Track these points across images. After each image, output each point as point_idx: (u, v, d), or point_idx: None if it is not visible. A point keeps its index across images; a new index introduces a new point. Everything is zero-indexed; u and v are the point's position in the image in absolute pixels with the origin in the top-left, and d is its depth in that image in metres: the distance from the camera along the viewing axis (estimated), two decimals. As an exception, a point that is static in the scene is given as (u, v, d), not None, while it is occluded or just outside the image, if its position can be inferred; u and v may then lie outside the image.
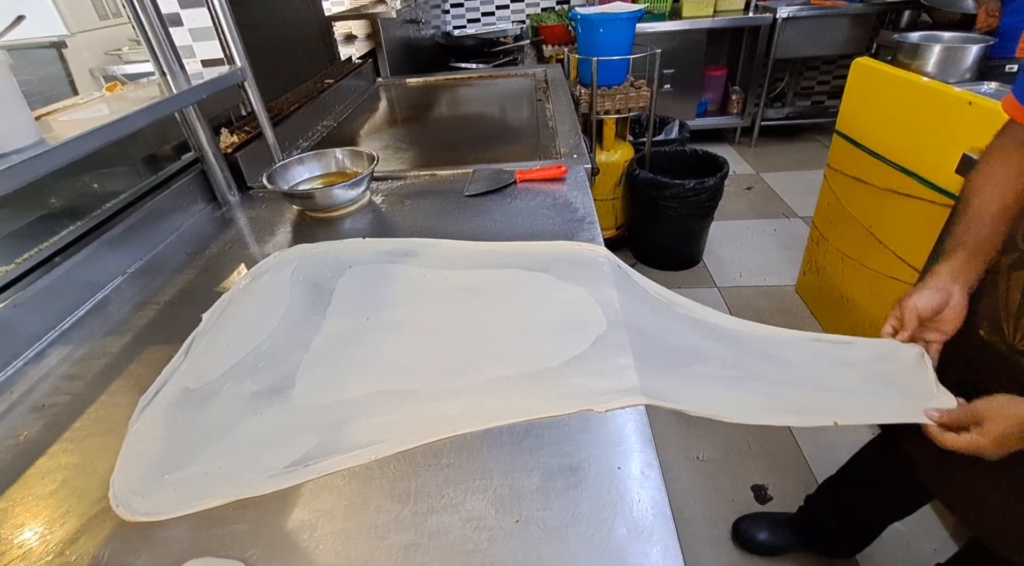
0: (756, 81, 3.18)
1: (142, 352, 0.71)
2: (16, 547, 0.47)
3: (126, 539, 0.47)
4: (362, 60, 1.98)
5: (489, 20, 3.48)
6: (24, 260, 0.77)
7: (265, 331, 0.71)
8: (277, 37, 1.45)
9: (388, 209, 1.03)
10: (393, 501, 0.47)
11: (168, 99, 0.85)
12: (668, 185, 2.06)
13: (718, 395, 0.60)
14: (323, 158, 1.12)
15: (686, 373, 0.63)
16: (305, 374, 0.63)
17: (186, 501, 0.49)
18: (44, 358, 0.71)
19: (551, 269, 0.78)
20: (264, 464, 0.52)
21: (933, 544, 1.29)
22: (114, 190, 0.95)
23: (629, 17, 1.94)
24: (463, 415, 0.55)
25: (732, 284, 2.24)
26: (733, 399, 0.59)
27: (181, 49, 1.01)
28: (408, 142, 1.45)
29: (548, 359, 0.61)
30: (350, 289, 0.78)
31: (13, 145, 0.61)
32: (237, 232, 1.00)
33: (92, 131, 0.68)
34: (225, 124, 1.21)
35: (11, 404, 0.64)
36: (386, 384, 0.60)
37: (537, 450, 0.51)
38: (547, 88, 1.76)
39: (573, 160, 1.12)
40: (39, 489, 0.52)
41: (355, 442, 0.53)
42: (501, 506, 0.46)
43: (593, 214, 0.91)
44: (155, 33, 0.95)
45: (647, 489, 0.46)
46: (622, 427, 0.52)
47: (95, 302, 0.82)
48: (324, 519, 0.47)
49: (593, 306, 0.69)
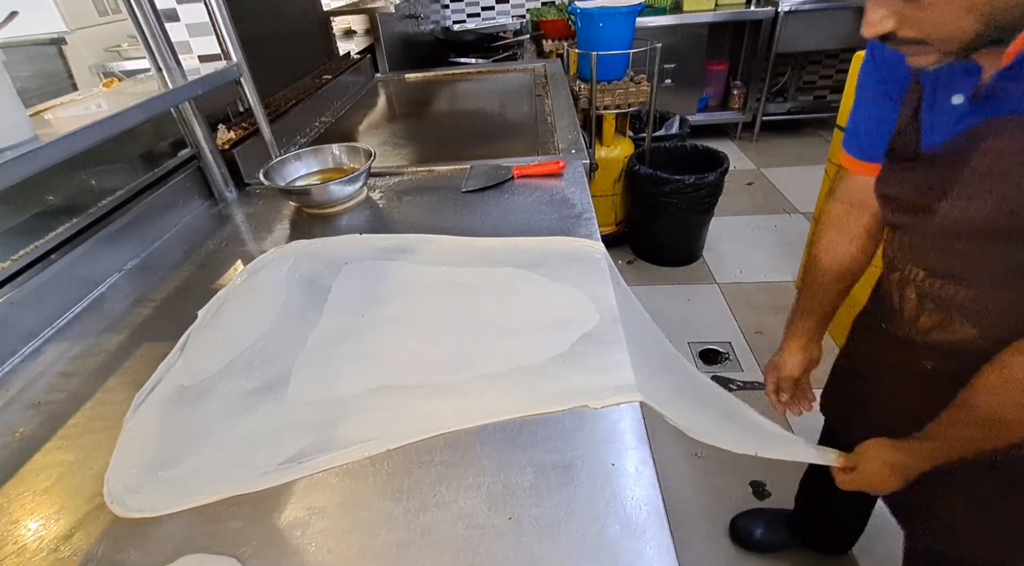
0: (758, 76, 3.16)
1: (138, 349, 0.71)
2: (11, 543, 0.47)
3: (120, 535, 0.47)
4: (360, 55, 1.97)
5: (489, 15, 3.46)
6: (20, 257, 0.77)
7: (261, 328, 0.71)
8: (274, 32, 1.45)
9: (385, 205, 1.02)
10: (385, 499, 0.47)
11: (164, 95, 0.84)
12: (668, 181, 2.05)
13: (701, 412, 0.64)
14: (320, 154, 1.11)
15: (683, 375, 0.63)
16: (300, 371, 0.63)
17: (180, 498, 0.49)
18: (40, 355, 0.71)
19: (547, 265, 0.77)
20: (258, 461, 0.52)
21: (932, 540, 1.29)
22: (111, 187, 0.95)
23: (629, 11, 1.93)
24: (457, 412, 0.55)
25: (732, 280, 2.24)
26: (708, 420, 0.65)
27: (177, 45, 1.01)
28: (406, 138, 1.44)
29: (543, 355, 0.61)
30: (346, 286, 0.78)
31: (6, 141, 0.60)
32: (234, 229, 1.00)
33: (87, 127, 0.68)
34: (222, 120, 1.21)
35: (7, 401, 0.64)
36: (381, 381, 0.60)
37: (530, 447, 0.51)
38: (546, 83, 1.75)
39: (571, 156, 1.12)
40: (34, 486, 0.52)
41: (348, 439, 0.53)
42: (494, 503, 0.46)
43: (591, 210, 0.90)
44: (151, 28, 0.94)
45: (641, 486, 0.46)
46: (616, 423, 0.52)
47: (91, 299, 0.82)
48: (317, 516, 0.47)
49: (589, 303, 0.69)
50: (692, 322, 2.02)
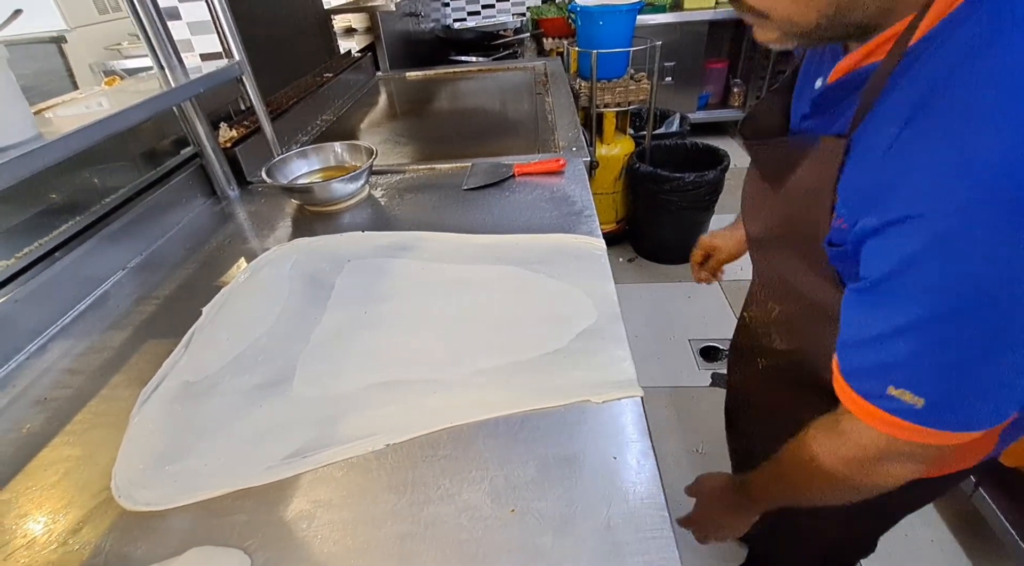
0: (758, 73, 3.16)
1: (142, 346, 0.72)
2: (20, 537, 0.48)
3: (128, 529, 0.47)
4: (361, 54, 1.97)
5: (489, 13, 3.46)
6: (24, 255, 0.77)
7: (264, 325, 0.71)
8: (276, 31, 1.45)
9: (387, 203, 1.03)
10: (390, 492, 0.48)
11: (166, 93, 0.85)
12: (668, 179, 2.05)
13: None
14: (322, 152, 1.12)
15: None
16: (304, 367, 0.63)
17: (186, 492, 0.50)
18: (45, 352, 0.72)
19: (548, 262, 0.78)
20: (263, 455, 0.53)
21: (930, 535, 1.29)
22: (113, 185, 0.95)
23: (629, 9, 1.93)
24: (460, 406, 0.56)
25: (733, 278, 2.23)
26: None
27: (179, 43, 1.01)
28: (407, 136, 1.45)
29: (545, 351, 0.62)
30: (349, 283, 0.78)
31: (10, 139, 0.61)
32: (236, 226, 1.01)
33: (90, 125, 0.68)
34: (224, 119, 1.22)
35: (13, 397, 0.65)
36: (384, 376, 0.61)
37: (533, 441, 0.51)
38: (547, 81, 1.75)
39: (572, 153, 1.12)
40: (42, 480, 0.53)
41: (353, 434, 0.54)
42: (497, 496, 0.46)
43: (591, 207, 0.91)
44: (153, 27, 0.95)
45: (643, 480, 0.47)
46: (618, 418, 0.53)
47: (96, 297, 0.83)
48: (322, 509, 0.47)
49: (588, 299, 0.69)
50: (693, 319, 2.02)
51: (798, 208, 0.49)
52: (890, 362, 0.40)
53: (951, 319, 0.36)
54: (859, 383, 0.43)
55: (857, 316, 0.43)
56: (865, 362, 0.43)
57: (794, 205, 0.50)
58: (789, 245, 0.55)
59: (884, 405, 0.42)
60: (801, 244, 0.51)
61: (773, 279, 0.66)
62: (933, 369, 0.39)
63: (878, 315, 0.40)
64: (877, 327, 0.40)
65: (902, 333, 0.39)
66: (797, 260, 0.54)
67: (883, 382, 0.41)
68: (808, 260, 0.52)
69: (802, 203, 0.48)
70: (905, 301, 0.38)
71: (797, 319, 0.63)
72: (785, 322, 0.66)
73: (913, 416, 0.40)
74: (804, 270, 0.54)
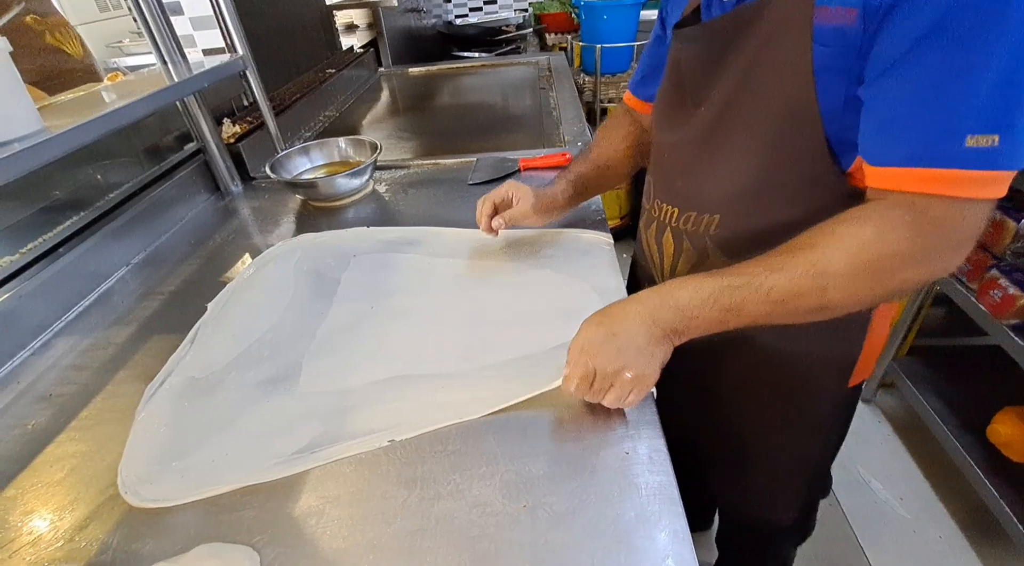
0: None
1: (147, 342, 0.71)
2: (26, 534, 0.47)
3: (135, 525, 0.47)
4: (363, 50, 1.96)
5: (491, 8, 3.44)
6: (28, 251, 0.77)
7: (270, 320, 0.71)
8: (278, 26, 1.44)
9: (391, 198, 1.02)
10: (400, 487, 0.47)
11: (169, 88, 0.84)
12: (673, 174, 2.04)
13: None
14: (326, 147, 1.11)
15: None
16: (310, 362, 0.63)
17: (194, 487, 0.49)
18: (50, 349, 0.72)
19: (555, 257, 0.77)
20: (271, 451, 0.52)
21: (938, 531, 1.29)
22: (117, 181, 0.95)
23: (633, 3, 1.92)
24: (468, 401, 0.55)
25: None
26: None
27: (182, 38, 1.00)
28: (411, 131, 1.44)
29: (553, 345, 0.61)
30: (355, 278, 0.78)
31: (14, 133, 0.60)
32: (240, 222, 1.00)
33: (94, 120, 0.68)
34: (227, 114, 1.21)
35: (18, 394, 0.64)
36: (391, 371, 0.60)
37: (543, 436, 0.51)
38: (550, 76, 1.74)
39: (577, 148, 1.11)
40: (48, 477, 0.53)
41: (361, 429, 0.53)
42: (508, 492, 0.46)
43: (598, 202, 0.90)
44: (156, 22, 0.94)
45: (655, 473, 0.46)
46: (629, 411, 0.52)
47: (100, 293, 0.82)
48: (331, 505, 0.47)
49: (598, 293, 0.68)
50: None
51: (770, 58, 0.50)
52: (964, 112, 0.40)
53: (1005, 44, 0.38)
54: (930, 152, 0.42)
55: (901, 92, 0.43)
56: (933, 127, 0.42)
57: (764, 62, 0.51)
58: (752, 120, 0.54)
59: (960, 162, 0.41)
60: (772, 100, 0.51)
61: (708, 183, 0.60)
62: (1003, 100, 0.40)
63: (937, 73, 0.41)
64: (942, 86, 0.41)
65: (962, 76, 0.40)
66: (762, 127, 0.53)
67: (959, 137, 0.41)
68: (781, 112, 0.51)
69: (778, 47, 0.49)
70: (958, 49, 0.39)
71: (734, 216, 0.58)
72: (721, 229, 0.60)
73: (991, 160, 0.41)
74: (770, 136, 0.53)
